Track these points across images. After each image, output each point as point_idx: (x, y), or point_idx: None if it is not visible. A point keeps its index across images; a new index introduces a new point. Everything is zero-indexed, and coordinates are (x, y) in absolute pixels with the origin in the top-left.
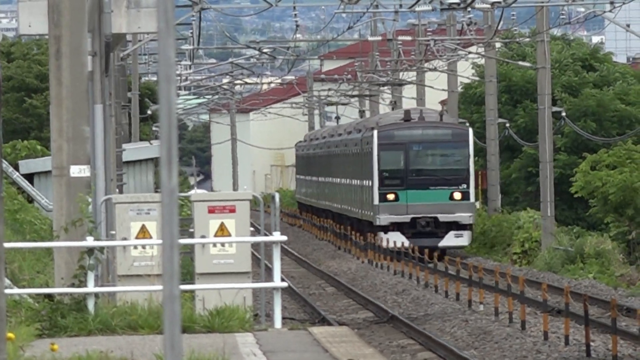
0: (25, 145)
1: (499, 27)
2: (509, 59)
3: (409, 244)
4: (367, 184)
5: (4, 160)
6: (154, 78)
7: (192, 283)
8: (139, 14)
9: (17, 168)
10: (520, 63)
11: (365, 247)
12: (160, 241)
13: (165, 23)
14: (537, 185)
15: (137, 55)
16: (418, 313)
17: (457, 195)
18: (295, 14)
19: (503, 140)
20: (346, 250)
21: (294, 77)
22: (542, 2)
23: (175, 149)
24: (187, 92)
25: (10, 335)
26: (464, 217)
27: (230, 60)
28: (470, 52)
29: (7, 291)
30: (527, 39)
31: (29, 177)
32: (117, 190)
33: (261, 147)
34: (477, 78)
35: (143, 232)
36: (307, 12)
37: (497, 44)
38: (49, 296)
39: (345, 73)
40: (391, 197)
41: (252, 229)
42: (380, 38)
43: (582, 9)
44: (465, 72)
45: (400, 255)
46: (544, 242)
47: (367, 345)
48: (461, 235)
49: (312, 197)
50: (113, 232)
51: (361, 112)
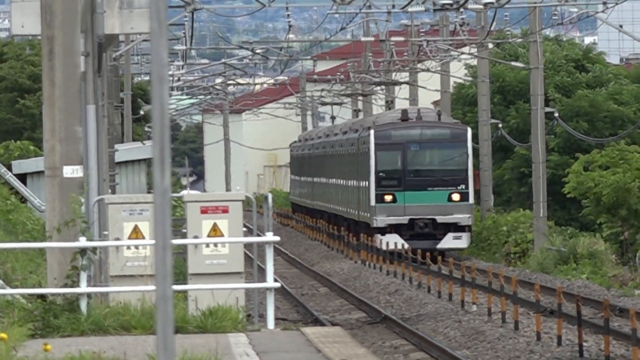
0: (18, 146)
1: (492, 28)
2: (501, 59)
3: (406, 246)
4: (364, 184)
5: None
6: (147, 78)
7: (185, 283)
8: (131, 15)
9: (10, 168)
10: (513, 64)
11: (358, 247)
12: (153, 241)
13: (157, 23)
14: (530, 186)
15: (129, 55)
16: (411, 313)
17: (456, 196)
18: (288, 15)
19: (495, 140)
20: (339, 251)
21: (286, 78)
22: (535, 3)
23: (167, 149)
24: (179, 92)
25: (3, 335)
26: (463, 218)
27: (223, 60)
28: (463, 53)
29: (0, 291)
30: (519, 40)
31: (22, 178)
32: (109, 191)
33: (254, 148)
34: (470, 78)
35: (136, 233)
36: (300, 12)
37: (490, 45)
38: (42, 296)
39: (338, 74)
40: (388, 198)
41: (244, 229)
42: (373, 39)
43: (575, 10)
44: (458, 72)
45: (394, 256)
46: (537, 242)
47: (360, 346)
48: (460, 237)
49: (307, 198)
50: (106, 232)
51: (356, 112)
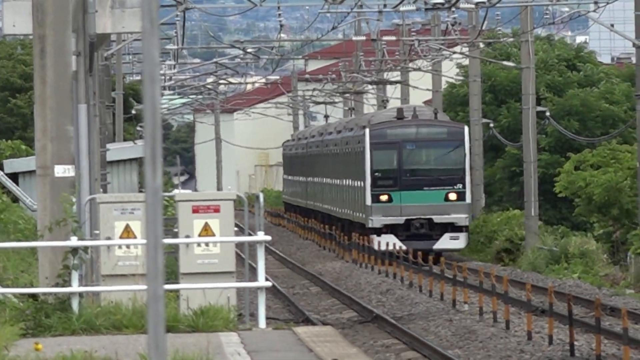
0: (9, 145)
1: (484, 27)
2: (493, 59)
3: (403, 247)
4: (359, 184)
5: None
6: (138, 78)
7: (177, 283)
8: (123, 14)
9: (1, 167)
10: (505, 63)
11: (349, 246)
12: (144, 241)
13: (149, 23)
14: (521, 185)
15: (121, 55)
16: (402, 312)
17: (453, 196)
18: (279, 14)
19: (487, 140)
20: (331, 250)
21: (278, 77)
22: (527, 2)
23: (159, 148)
24: (171, 91)
25: None
26: (460, 218)
27: (215, 60)
28: (454, 52)
29: None
30: (510, 39)
31: (14, 177)
32: (101, 190)
33: (245, 147)
34: (462, 78)
35: (127, 232)
36: (292, 12)
37: (481, 44)
38: (33, 296)
39: (330, 73)
40: (384, 198)
41: (236, 228)
42: (364, 38)
43: (567, 9)
44: (450, 72)
45: (386, 256)
46: (528, 242)
47: (351, 345)
48: (457, 238)
49: (300, 197)
50: (97, 231)
51: (350, 110)
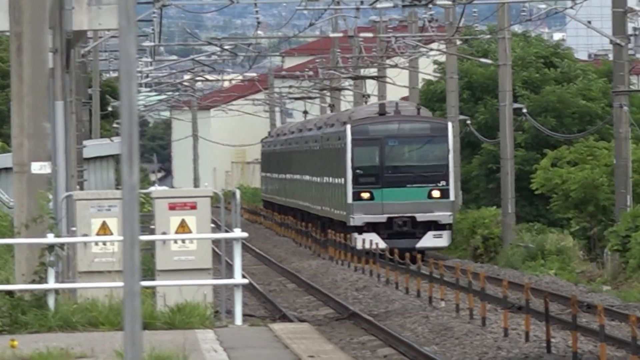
0: None
1: (461, 24)
2: (470, 55)
3: (385, 245)
4: (340, 181)
5: None
6: (115, 75)
7: (153, 280)
8: (100, 11)
9: None
10: (482, 60)
11: (325, 243)
12: (120, 238)
13: (126, 20)
14: (498, 182)
15: (98, 52)
16: (379, 309)
17: (436, 193)
18: (256, 11)
19: (464, 137)
20: (307, 247)
21: (255, 74)
22: None
23: (136, 145)
24: (148, 88)
25: None
26: (444, 216)
27: (192, 57)
28: (431, 49)
29: None
30: (487, 36)
31: None
32: (77, 187)
33: (222, 144)
34: (439, 75)
35: (104, 229)
36: (269, 9)
37: (459, 41)
38: (10, 292)
39: (307, 70)
40: (366, 195)
41: (212, 225)
42: (341, 35)
43: (544, 6)
44: (427, 68)
45: (362, 253)
46: (506, 238)
47: (328, 342)
48: (440, 236)
49: (280, 195)
50: (74, 228)
51: (331, 106)
